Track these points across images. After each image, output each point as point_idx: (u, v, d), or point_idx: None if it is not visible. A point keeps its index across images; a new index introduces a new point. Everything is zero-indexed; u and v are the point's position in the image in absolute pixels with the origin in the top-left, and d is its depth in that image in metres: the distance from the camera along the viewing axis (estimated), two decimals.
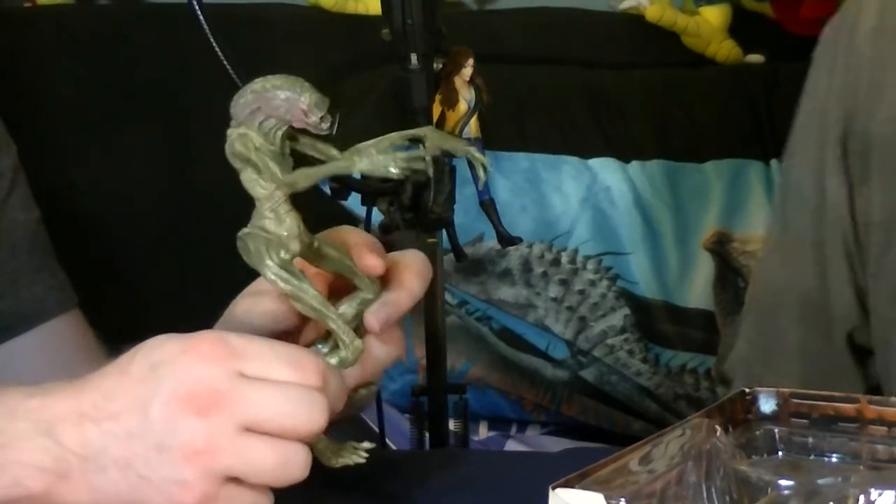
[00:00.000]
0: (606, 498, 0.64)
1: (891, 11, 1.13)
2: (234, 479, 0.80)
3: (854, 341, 1.20)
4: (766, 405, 0.76)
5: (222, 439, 0.78)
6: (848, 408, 0.75)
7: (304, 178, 0.81)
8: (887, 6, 1.13)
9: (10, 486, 0.80)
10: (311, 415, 0.79)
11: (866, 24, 1.14)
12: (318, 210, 0.91)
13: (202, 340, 0.80)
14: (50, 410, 0.81)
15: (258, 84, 0.80)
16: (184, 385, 0.79)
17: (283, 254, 0.82)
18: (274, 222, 0.82)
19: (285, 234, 0.82)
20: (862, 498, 0.69)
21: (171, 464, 0.79)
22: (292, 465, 0.80)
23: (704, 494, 0.69)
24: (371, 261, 0.87)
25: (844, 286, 1.16)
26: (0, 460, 0.80)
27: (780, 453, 0.76)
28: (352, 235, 0.89)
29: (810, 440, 0.75)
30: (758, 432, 0.75)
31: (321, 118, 0.79)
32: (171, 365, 0.79)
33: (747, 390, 0.76)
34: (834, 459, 0.75)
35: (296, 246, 0.82)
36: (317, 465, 0.88)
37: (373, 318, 0.87)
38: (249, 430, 0.79)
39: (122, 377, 0.81)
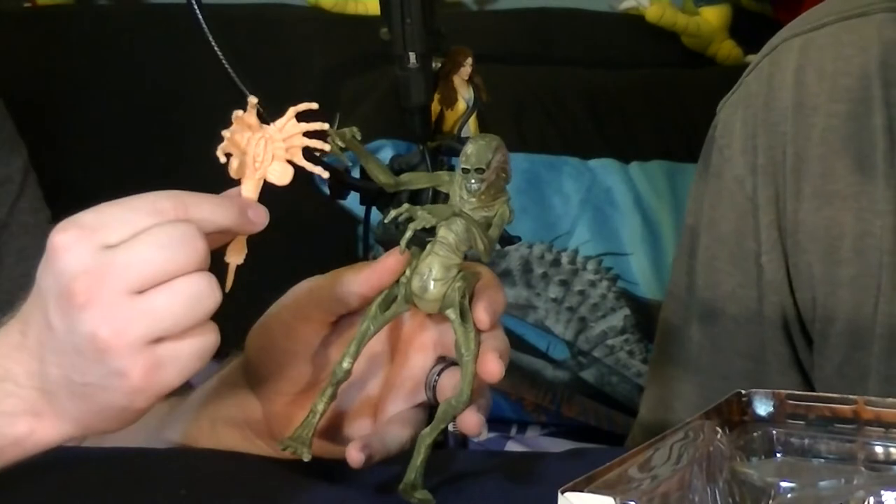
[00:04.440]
0: (619, 502, 0.64)
1: (807, 86, 1.14)
2: (162, 338, 0.78)
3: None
4: (762, 407, 0.76)
5: (122, 313, 0.77)
6: (845, 409, 0.75)
7: None
8: (802, 80, 1.14)
9: None
10: (186, 246, 0.78)
11: (784, 100, 1.14)
12: (316, 209, 0.91)
13: (55, 233, 0.80)
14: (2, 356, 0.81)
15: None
16: (60, 284, 0.78)
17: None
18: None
19: None
20: (863, 501, 0.69)
21: (96, 360, 0.78)
22: (201, 297, 0.78)
23: (709, 497, 0.69)
24: (493, 367, 0.87)
25: (785, 367, 1.15)
26: None
27: (777, 455, 0.76)
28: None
29: (807, 441, 0.75)
30: (755, 434, 0.76)
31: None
32: (43, 272, 0.80)
33: (743, 392, 0.76)
34: (831, 460, 0.75)
35: None
36: (314, 465, 0.88)
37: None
38: (140, 291, 0.78)
39: (30, 299, 0.82)
